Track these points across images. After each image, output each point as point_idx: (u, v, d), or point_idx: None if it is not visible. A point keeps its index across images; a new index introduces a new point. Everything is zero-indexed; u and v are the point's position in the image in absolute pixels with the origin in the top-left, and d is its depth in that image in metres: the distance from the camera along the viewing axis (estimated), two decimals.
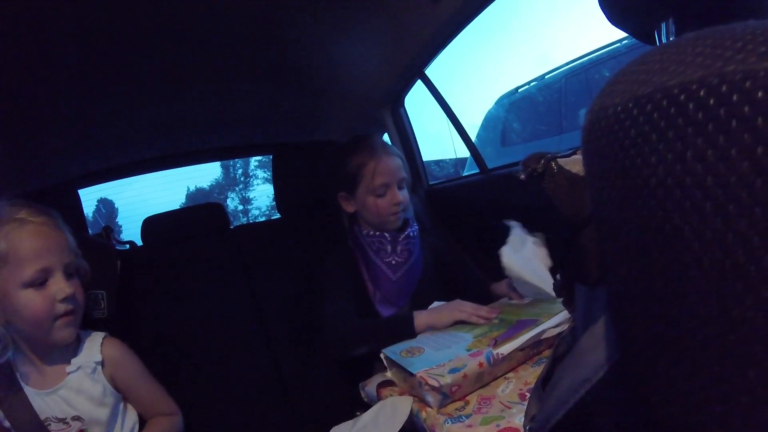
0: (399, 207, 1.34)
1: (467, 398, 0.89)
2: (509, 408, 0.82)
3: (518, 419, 0.77)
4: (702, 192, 0.20)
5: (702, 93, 0.20)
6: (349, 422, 1.03)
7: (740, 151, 0.19)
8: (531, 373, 0.95)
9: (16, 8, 0.97)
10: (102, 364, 1.09)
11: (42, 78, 1.24)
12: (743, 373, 0.19)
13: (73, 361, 1.05)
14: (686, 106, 0.21)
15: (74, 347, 1.07)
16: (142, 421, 1.16)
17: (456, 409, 0.86)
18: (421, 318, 1.18)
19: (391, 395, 1.00)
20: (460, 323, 1.15)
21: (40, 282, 0.97)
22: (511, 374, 0.97)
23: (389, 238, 1.37)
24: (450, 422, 0.82)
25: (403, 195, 1.36)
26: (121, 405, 1.12)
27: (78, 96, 1.38)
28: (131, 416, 1.14)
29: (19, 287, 0.95)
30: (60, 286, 0.98)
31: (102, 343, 1.11)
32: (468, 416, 0.82)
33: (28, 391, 1.01)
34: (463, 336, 1.05)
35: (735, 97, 0.19)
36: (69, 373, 1.04)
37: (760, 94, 0.19)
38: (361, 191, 1.36)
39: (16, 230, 0.97)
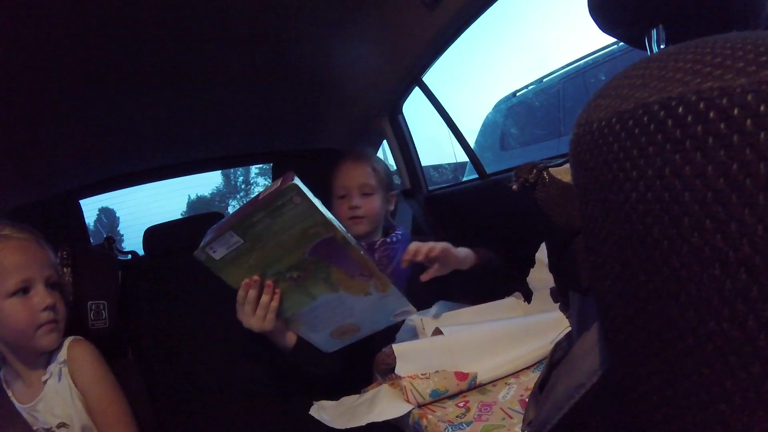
0: (355, 212, 1.33)
1: (468, 405, 0.90)
2: (510, 418, 0.83)
3: (518, 428, 0.77)
4: (680, 207, 0.20)
5: (680, 110, 0.21)
6: (354, 396, 1.05)
7: (716, 167, 0.19)
8: (532, 379, 0.95)
9: (18, 20, 0.98)
10: (66, 363, 1.10)
11: (42, 90, 1.25)
12: (721, 383, 0.20)
13: (48, 368, 1.09)
14: (665, 123, 0.21)
15: (50, 355, 1.10)
16: None
17: (457, 416, 0.86)
18: None
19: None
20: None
21: (22, 292, 1.02)
22: (512, 379, 0.97)
23: (365, 247, 1.36)
24: (451, 429, 0.82)
25: (366, 202, 1.34)
26: None
27: (78, 107, 1.39)
28: None
29: (3, 298, 1.00)
30: (41, 297, 1.04)
31: (69, 344, 1.12)
32: (468, 423, 0.83)
33: (17, 406, 1.04)
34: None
35: (711, 114, 0.20)
36: (45, 382, 1.07)
37: (735, 111, 0.19)
38: (333, 197, 1.38)
39: (0, 245, 1.03)
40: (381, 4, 1.26)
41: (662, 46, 0.58)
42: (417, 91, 1.72)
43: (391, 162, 2.08)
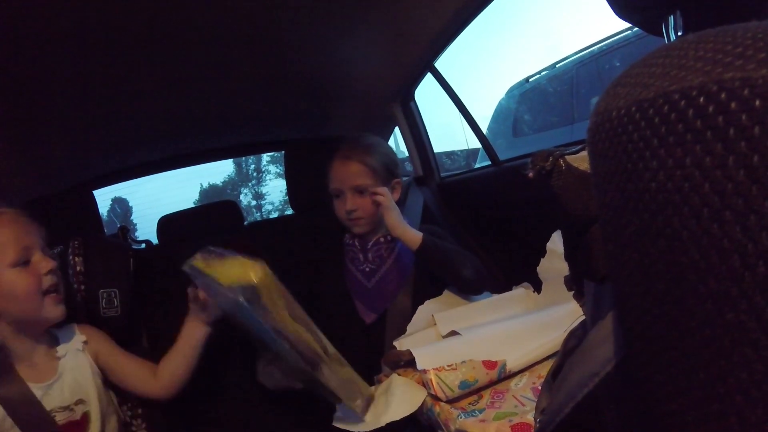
0: (351, 215, 1.31)
1: (481, 392, 0.90)
2: (523, 405, 0.83)
3: (531, 415, 0.78)
4: (700, 198, 0.20)
5: (701, 100, 0.21)
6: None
7: (737, 159, 0.19)
8: (544, 366, 0.95)
9: (27, 12, 0.98)
10: (87, 343, 1.16)
11: (54, 82, 1.25)
12: (737, 374, 0.20)
13: (59, 348, 1.11)
14: (686, 113, 0.21)
15: (54, 338, 1.13)
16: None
17: (469, 404, 0.87)
18: None
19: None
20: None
21: (23, 261, 1.04)
22: None
23: (359, 246, 1.36)
24: (463, 416, 0.82)
25: (362, 202, 1.31)
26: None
27: (90, 100, 1.40)
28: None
29: (5, 269, 1.02)
30: (43, 262, 1.06)
31: (79, 328, 1.18)
32: (481, 411, 0.83)
33: (30, 386, 1.04)
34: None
35: (733, 105, 0.20)
36: (59, 359, 1.10)
37: (757, 102, 0.19)
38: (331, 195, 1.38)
39: None
40: None
41: (679, 33, 0.57)
42: (429, 78, 1.71)
43: (402, 149, 2.07)
